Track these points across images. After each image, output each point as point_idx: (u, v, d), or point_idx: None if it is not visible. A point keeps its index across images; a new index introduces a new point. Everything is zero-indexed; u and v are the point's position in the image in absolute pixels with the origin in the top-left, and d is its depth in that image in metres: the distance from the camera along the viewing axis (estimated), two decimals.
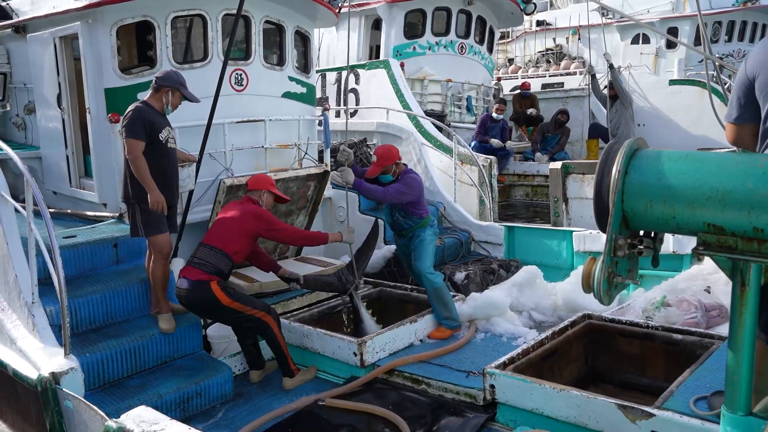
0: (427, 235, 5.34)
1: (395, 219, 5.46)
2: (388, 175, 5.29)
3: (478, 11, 12.50)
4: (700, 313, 4.43)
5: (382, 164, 5.24)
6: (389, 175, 5.30)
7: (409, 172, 5.39)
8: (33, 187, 4.01)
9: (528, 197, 11.73)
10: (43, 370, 3.69)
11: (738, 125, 2.64)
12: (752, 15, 15.13)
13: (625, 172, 2.33)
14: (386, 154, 5.29)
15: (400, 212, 5.39)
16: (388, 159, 5.25)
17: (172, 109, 4.77)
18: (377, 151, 5.36)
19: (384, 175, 5.29)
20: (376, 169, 5.27)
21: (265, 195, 5.02)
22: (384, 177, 5.30)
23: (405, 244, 5.51)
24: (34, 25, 6.45)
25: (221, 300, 4.47)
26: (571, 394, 3.43)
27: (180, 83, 4.71)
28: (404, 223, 5.42)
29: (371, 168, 5.31)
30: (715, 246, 2.21)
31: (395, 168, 5.31)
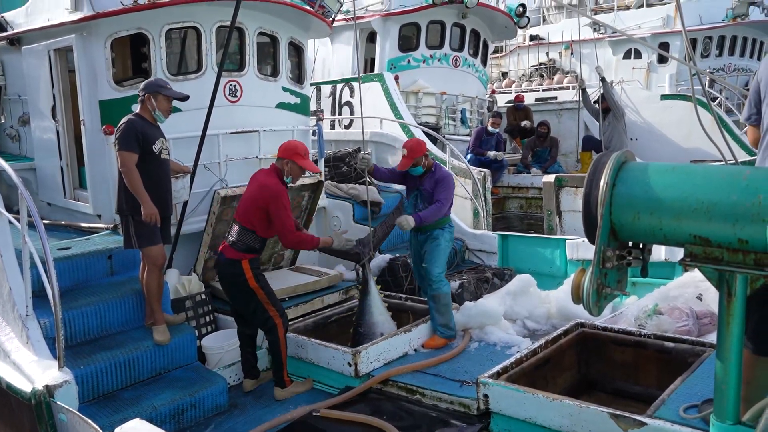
0: (444, 239, 5.33)
1: (419, 210, 5.36)
2: (419, 168, 5.29)
3: (472, 24, 12.62)
4: (692, 321, 4.46)
5: (413, 156, 5.22)
6: (420, 167, 5.29)
7: (440, 167, 5.42)
8: (27, 200, 4.02)
9: (522, 209, 11.80)
10: (37, 383, 3.67)
11: (753, 126, 2.85)
12: (742, 30, 15.34)
13: (613, 185, 2.37)
14: (416, 146, 5.27)
15: (426, 203, 5.33)
16: (418, 151, 5.23)
17: (162, 115, 4.75)
18: (406, 145, 5.33)
19: (415, 167, 5.28)
20: (407, 161, 5.25)
21: (289, 164, 4.74)
22: (415, 170, 5.30)
23: (421, 241, 5.42)
24: (29, 38, 6.48)
25: (249, 280, 4.55)
26: (563, 403, 3.45)
27: (158, 86, 4.71)
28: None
29: (402, 162, 5.29)
30: (701, 257, 2.26)
31: (425, 160, 5.31)
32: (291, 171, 4.74)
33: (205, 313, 5.55)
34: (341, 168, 8.31)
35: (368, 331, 5.15)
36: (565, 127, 14.00)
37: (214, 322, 5.60)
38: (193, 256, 5.87)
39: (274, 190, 4.57)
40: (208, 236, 5.73)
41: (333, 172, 8.28)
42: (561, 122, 14.07)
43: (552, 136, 12.21)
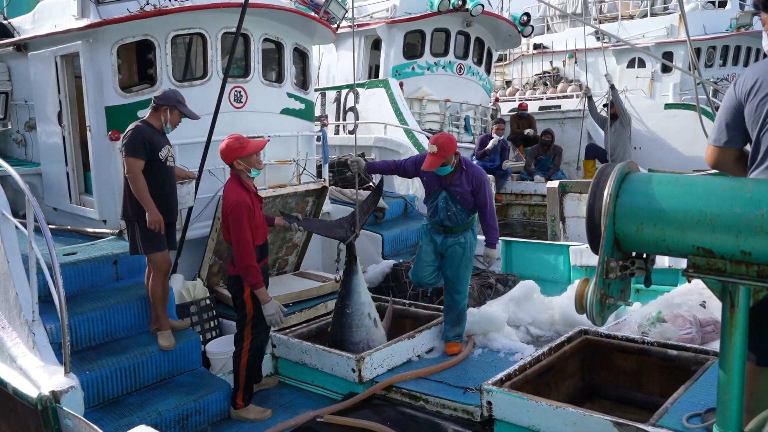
0: (473, 244, 5.07)
1: (450, 213, 4.98)
2: (448, 167, 4.85)
3: (476, 33, 12.67)
4: (695, 328, 4.47)
5: (444, 155, 4.75)
6: (449, 166, 4.85)
7: (470, 163, 5.05)
8: (34, 206, 4.05)
9: (525, 216, 11.82)
10: (43, 388, 3.69)
11: (722, 149, 2.61)
12: (746, 40, 15.36)
13: (617, 195, 2.39)
14: (448, 143, 4.78)
15: (458, 205, 4.96)
16: (450, 149, 4.76)
17: (171, 127, 4.84)
18: (437, 141, 4.79)
19: (444, 167, 4.83)
20: (436, 160, 4.75)
21: (241, 164, 4.46)
22: (442, 169, 4.85)
23: (446, 244, 5.05)
24: (35, 44, 6.54)
25: (244, 291, 4.47)
26: (567, 411, 3.46)
27: (178, 101, 4.78)
28: (459, 217, 5.01)
29: (429, 160, 4.76)
30: (704, 268, 2.27)
31: (455, 158, 4.87)
32: (247, 166, 4.49)
33: (209, 319, 5.58)
34: (345, 173, 8.34)
35: (356, 311, 5.03)
36: (568, 135, 14.03)
37: (219, 328, 5.62)
38: (198, 261, 5.90)
39: (230, 202, 4.38)
40: (213, 241, 5.76)
41: (337, 178, 8.31)
42: (564, 131, 14.10)
43: (555, 145, 12.26)
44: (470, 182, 4.92)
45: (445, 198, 4.98)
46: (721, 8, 16.09)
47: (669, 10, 16.06)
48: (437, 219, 5.06)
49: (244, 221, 4.34)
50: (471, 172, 4.95)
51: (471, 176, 4.94)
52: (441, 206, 5.01)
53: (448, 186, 4.96)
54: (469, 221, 5.07)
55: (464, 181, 4.92)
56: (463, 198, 4.93)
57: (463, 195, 4.93)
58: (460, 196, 4.93)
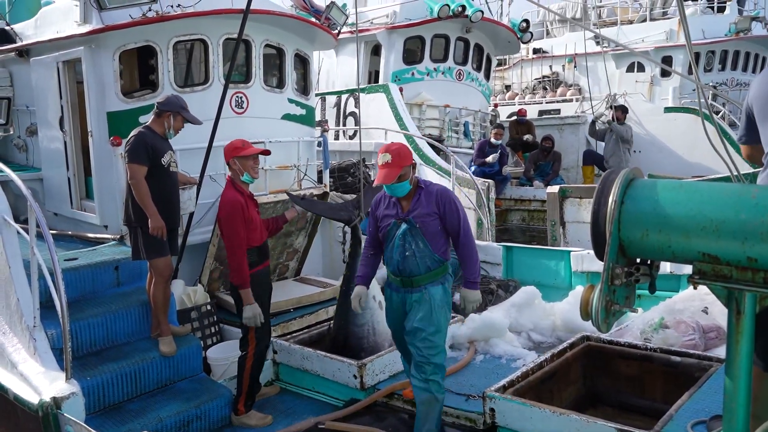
0: (440, 297, 3.79)
1: (409, 252, 3.77)
2: (406, 183, 3.75)
3: (475, 39, 12.72)
4: (698, 335, 4.46)
5: (401, 164, 3.71)
6: (406, 182, 3.76)
7: (431, 182, 3.97)
8: (36, 212, 4.05)
9: (524, 222, 11.83)
10: (44, 394, 3.69)
11: (744, 145, 2.95)
12: (745, 45, 15.40)
13: (621, 202, 2.38)
14: (404, 150, 3.78)
15: (419, 241, 3.75)
16: (407, 157, 3.76)
17: (174, 133, 4.85)
18: (389, 148, 3.78)
19: (400, 183, 3.74)
20: (392, 171, 3.68)
21: (237, 163, 4.53)
22: (400, 187, 3.75)
23: (406, 302, 3.86)
24: (37, 50, 6.55)
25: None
26: (570, 417, 3.45)
27: (181, 107, 4.79)
28: (421, 263, 3.76)
29: (383, 173, 3.72)
30: (710, 275, 2.26)
31: (412, 172, 3.85)
32: (242, 168, 4.53)
33: (210, 324, 5.57)
34: (346, 179, 8.34)
35: None
36: (566, 141, 14.06)
37: (219, 333, 5.61)
38: (199, 266, 5.89)
39: (223, 201, 4.46)
40: (214, 247, 5.76)
41: (338, 183, 8.31)
42: (563, 137, 14.13)
43: (555, 151, 12.30)
44: (434, 203, 3.76)
45: (405, 232, 3.77)
46: (720, 13, 16.14)
47: (668, 14, 16.10)
48: (393, 266, 3.85)
49: (237, 220, 4.40)
50: (433, 191, 3.81)
51: (434, 195, 3.78)
52: (397, 245, 3.78)
53: (406, 216, 3.79)
54: (439, 269, 3.80)
55: (425, 203, 3.77)
56: (426, 227, 3.74)
57: (425, 223, 3.74)
58: (422, 224, 3.74)
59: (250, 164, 4.58)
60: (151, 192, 4.54)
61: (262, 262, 4.65)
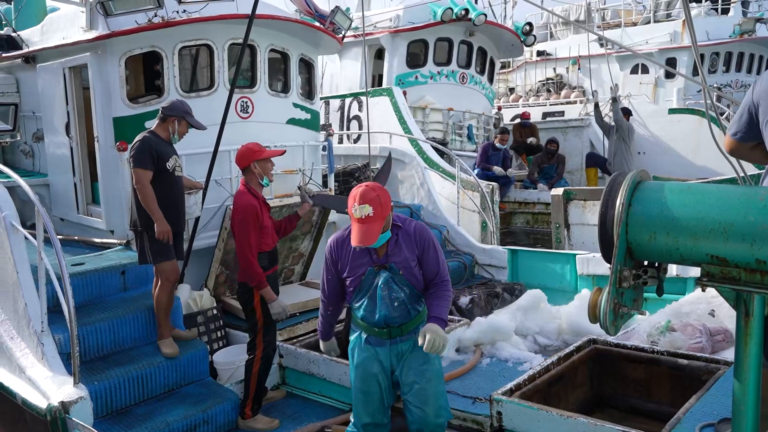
0: None
1: (398, 303, 3.37)
2: (387, 233, 3.33)
3: (479, 42, 12.74)
4: (705, 337, 4.45)
5: (384, 216, 3.23)
6: (388, 231, 3.33)
7: (404, 218, 3.50)
8: (44, 217, 4.07)
9: (529, 224, 11.83)
10: (52, 399, 3.70)
11: (734, 141, 2.80)
12: (749, 46, 15.40)
13: (629, 204, 2.39)
14: (383, 197, 3.26)
15: (406, 290, 3.37)
16: (387, 203, 3.27)
17: (179, 137, 4.87)
18: (368, 197, 3.19)
19: (384, 233, 3.29)
20: (373, 228, 3.18)
21: (256, 167, 4.58)
22: (380, 240, 3.28)
23: (398, 351, 3.45)
24: (43, 56, 6.59)
25: (254, 298, 4.50)
26: (578, 421, 3.44)
27: (186, 112, 4.81)
28: (411, 309, 3.42)
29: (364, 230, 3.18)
30: (718, 277, 2.26)
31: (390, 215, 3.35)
32: (262, 172, 4.60)
33: (216, 329, 5.58)
34: (351, 183, 8.36)
35: None
36: (570, 144, 14.07)
37: (226, 338, 5.62)
38: (205, 271, 5.90)
39: (239, 205, 4.47)
40: (220, 251, 5.77)
41: (342, 187, 8.33)
42: (566, 140, 14.14)
43: (559, 153, 12.31)
44: (413, 244, 3.36)
45: (387, 281, 3.34)
46: (724, 15, 16.14)
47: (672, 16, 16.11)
48: (378, 318, 3.38)
49: (250, 224, 4.42)
50: (410, 231, 3.39)
51: (413, 237, 3.37)
52: (381, 295, 3.35)
53: (385, 262, 3.35)
54: (423, 310, 3.48)
55: (404, 247, 3.35)
56: (410, 273, 3.36)
57: (408, 269, 3.35)
58: (405, 270, 3.34)
59: (269, 166, 4.67)
60: (156, 196, 4.57)
61: (272, 267, 4.69)
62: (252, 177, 4.61)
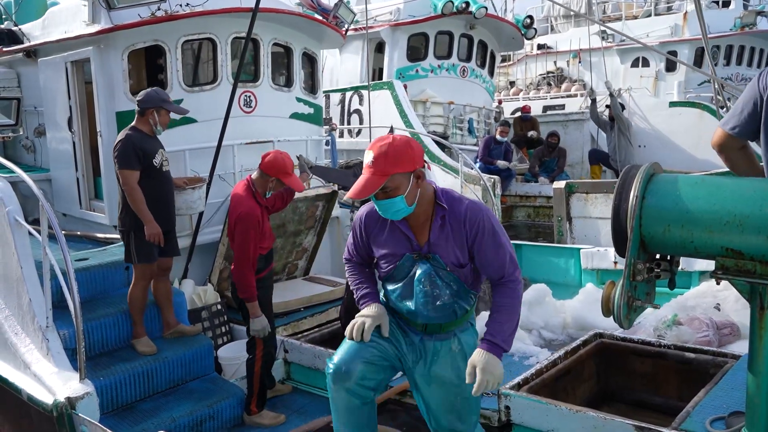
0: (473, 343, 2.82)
1: (440, 301, 2.71)
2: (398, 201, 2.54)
3: (479, 36, 12.71)
4: (712, 331, 4.45)
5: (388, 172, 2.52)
6: (400, 199, 2.53)
7: (455, 196, 2.72)
8: (48, 212, 4.05)
9: (530, 218, 11.83)
10: (58, 394, 3.69)
11: (729, 135, 2.53)
12: (750, 39, 15.38)
13: (643, 197, 2.37)
14: (399, 149, 2.55)
15: (453, 286, 2.70)
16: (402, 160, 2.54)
17: (162, 128, 4.64)
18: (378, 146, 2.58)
19: (389, 200, 2.54)
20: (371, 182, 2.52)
21: (274, 182, 4.44)
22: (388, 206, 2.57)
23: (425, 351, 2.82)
24: (45, 50, 6.55)
25: None
26: (587, 415, 3.44)
27: (162, 100, 4.59)
28: (458, 308, 2.75)
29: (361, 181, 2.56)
30: (733, 270, 2.25)
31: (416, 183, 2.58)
32: (274, 187, 4.50)
33: (220, 324, 5.57)
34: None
35: None
36: (571, 138, 14.07)
37: (230, 333, 5.61)
38: (209, 266, 5.89)
39: (242, 212, 4.27)
40: (224, 246, 5.75)
41: None
42: (567, 133, 14.13)
43: (560, 147, 12.30)
44: (463, 230, 2.63)
45: (428, 275, 2.68)
46: (725, 8, 16.11)
47: (673, 9, 16.07)
48: (414, 315, 2.78)
49: (251, 234, 4.28)
50: (459, 211, 2.63)
51: (462, 219, 2.62)
52: (420, 291, 2.71)
53: (426, 249, 2.67)
54: (472, 308, 2.86)
55: (452, 234, 2.64)
56: (457, 266, 2.67)
57: (454, 260, 2.66)
58: (452, 264, 2.67)
59: (280, 188, 4.55)
60: (146, 195, 4.43)
61: (267, 267, 4.63)
62: (263, 183, 4.45)
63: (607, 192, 8.16)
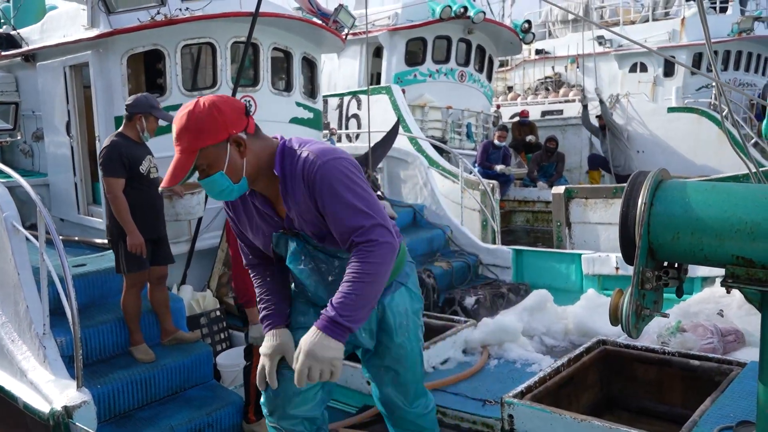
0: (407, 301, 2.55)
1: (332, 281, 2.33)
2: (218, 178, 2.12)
3: (477, 40, 12.72)
4: (717, 338, 4.41)
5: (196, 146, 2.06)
6: (219, 176, 2.11)
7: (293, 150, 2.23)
8: (46, 218, 4.00)
9: (529, 223, 11.81)
10: (55, 403, 3.63)
11: None
12: (747, 45, 15.43)
13: (651, 204, 2.34)
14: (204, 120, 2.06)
15: (334, 261, 2.34)
16: (212, 128, 2.07)
17: (150, 135, 4.56)
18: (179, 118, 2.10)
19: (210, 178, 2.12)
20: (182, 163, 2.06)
21: None
22: (211, 185, 2.14)
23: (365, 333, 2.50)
24: (44, 54, 6.51)
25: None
26: (592, 424, 3.39)
27: (151, 106, 4.51)
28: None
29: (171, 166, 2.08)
30: (743, 278, 2.22)
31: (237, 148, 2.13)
32: None
33: (219, 330, 5.52)
34: None
35: None
36: (569, 142, 14.09)
37: (229, 339, 5.56)
38: (207, 272, 5.84)
39: None
40: (223, 252, 5.71)
41: None
42: (565, 138, 14.15)
43: (559, 152, 12.32)
44: (305, 188, 2.16)
45: (307, 253, 2.34)
46: (722, 13, 16.16)
47: (670, 15, 16.13)
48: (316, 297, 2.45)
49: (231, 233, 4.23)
50: (295, 170, 2.17)
51: (297, 174, 2.16)
52: (301, 272, 2.38)
53: (290, 225, 2.29)
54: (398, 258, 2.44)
55: (300, 198, 2.18)
56: (328, 235, 2.23)
57: (319, 229, 2.23)
58: (319, 234, 2.25)
59: None
60: (132, 202, 4.35)
61: None
62: None
63: (606, 197, 8.15)
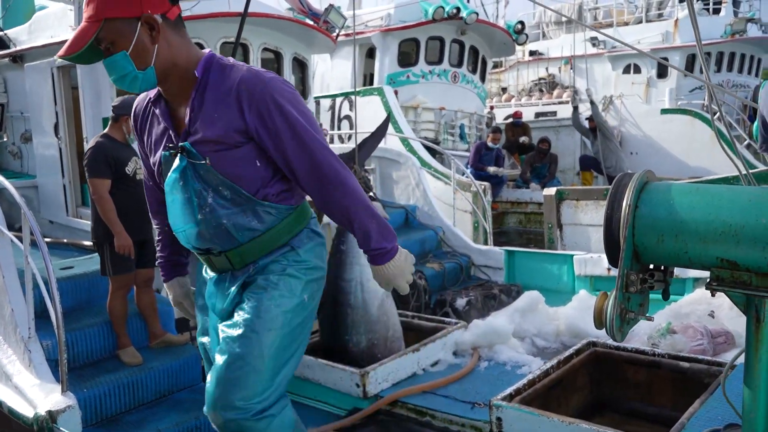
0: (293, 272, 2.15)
1: (204, 211, 2.00)
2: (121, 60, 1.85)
3: (471, 41, 12.73)
4: (707, 340, 4.40)
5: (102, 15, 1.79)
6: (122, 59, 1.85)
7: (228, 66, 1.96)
8: (30, 220, 3.96)
9: (521, 224, 11.83)
10: (39, 407, 3.60)
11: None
12: (740, 46, 15.50)
13: (636, 206, 2.32)
14: None
15: (223, 191, 1.97)
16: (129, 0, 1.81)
17: (134, 137, 4.59)
18: None
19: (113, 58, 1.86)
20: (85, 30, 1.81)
21: None
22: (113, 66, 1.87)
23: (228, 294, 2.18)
24: (32, 55, 6.47)
25: None
26: (581, 427, 3.37)
27: None
28: (233, 227, 2.02)
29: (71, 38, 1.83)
30: (728, 281, 2.20)
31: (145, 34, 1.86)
32: None
33: None
34: None
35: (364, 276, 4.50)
36: (562, 144, 14.12)
37: None
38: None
39: None
40: None
41: None
42: (559, 139, 14.19)
43: (551, 153, 12.35)
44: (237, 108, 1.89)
45: (185, 175, 1.99)
46: (715, 15, 16.22)
47: (664, 16, 16.18)
48: (185, 236, 2.14)
49: None
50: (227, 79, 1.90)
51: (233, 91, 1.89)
52: (179, 199, 2.05)
53: (183, 138, 1.98)
54: (278, 227, 2.11)
55: (216, 111, 1.91)
56: (229, 161, 1.95)
57: (226, 153, 1.93)
58: (218, 156, 1.94)
59: None
60: (118, 205, 4.34)
61: None
62: None
63: (597, 199, 8.15)
